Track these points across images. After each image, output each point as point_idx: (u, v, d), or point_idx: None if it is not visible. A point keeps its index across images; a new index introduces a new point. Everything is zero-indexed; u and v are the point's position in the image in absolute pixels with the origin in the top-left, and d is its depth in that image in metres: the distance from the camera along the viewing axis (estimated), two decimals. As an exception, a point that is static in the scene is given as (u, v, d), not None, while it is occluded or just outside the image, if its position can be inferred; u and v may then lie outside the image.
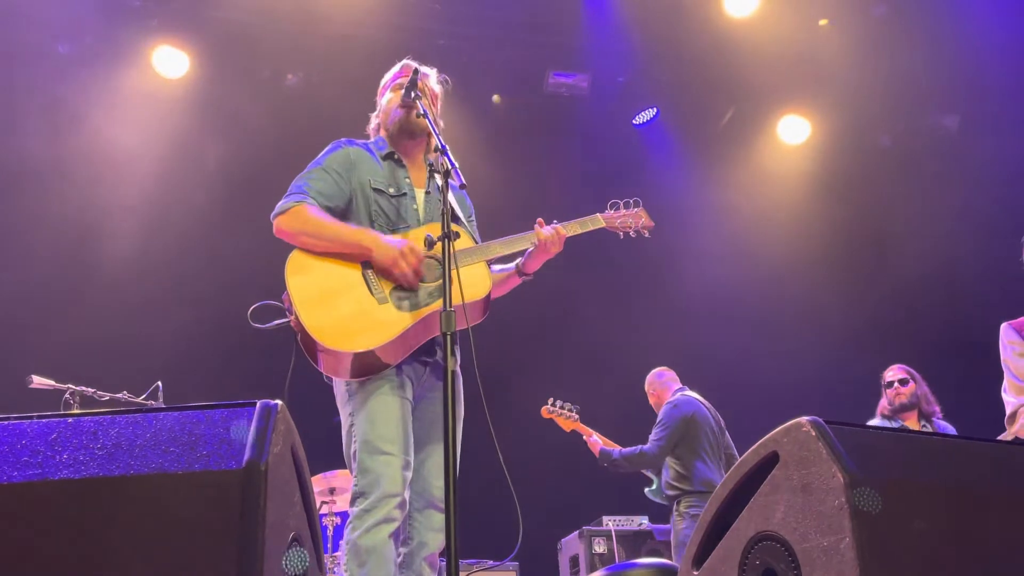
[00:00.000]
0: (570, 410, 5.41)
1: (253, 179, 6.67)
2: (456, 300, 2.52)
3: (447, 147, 2.72)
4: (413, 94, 2.95)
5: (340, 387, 2.95)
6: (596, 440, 5.47)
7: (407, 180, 3.12)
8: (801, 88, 7.81)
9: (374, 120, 3.31)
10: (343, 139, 3.18)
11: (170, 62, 6.91)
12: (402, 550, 2.88)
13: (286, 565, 1.74)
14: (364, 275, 2.88)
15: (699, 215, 8.06)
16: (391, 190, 3.06)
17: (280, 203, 2.95)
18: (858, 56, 7.43)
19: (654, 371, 5.85)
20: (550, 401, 5.41)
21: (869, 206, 8.23)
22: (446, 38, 7.00)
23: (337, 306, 2.81)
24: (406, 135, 3.14)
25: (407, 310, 2.83)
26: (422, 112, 2.91)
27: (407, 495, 2.78)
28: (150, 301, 6.76)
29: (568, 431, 5.48)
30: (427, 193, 3.13)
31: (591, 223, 3.29)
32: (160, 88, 6.94)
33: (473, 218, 3.29)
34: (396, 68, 3.27)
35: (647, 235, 3.44)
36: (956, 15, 7.12)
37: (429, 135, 3.14)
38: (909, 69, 7.44)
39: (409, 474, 2.80)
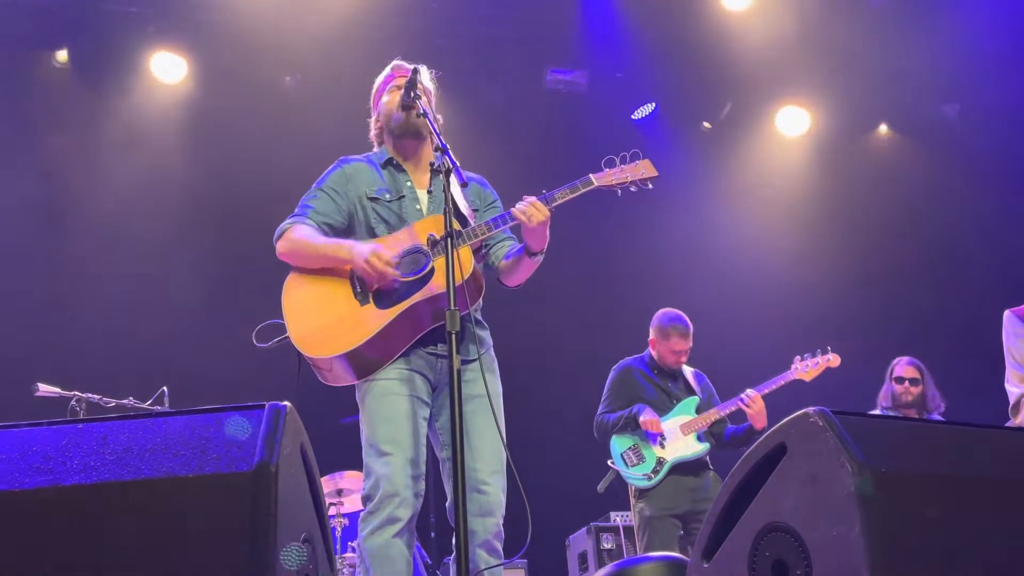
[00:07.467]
0: None
1: (253, 180, 6.68)
2: (443, 289, 2.60)
3: (448, 146, 2.72)
4: (413, 94, 2.94)
5: (356, 394, 3.00)
6: None
7: (408, 184, 3.13)
8: (800, 79, 7.79)
9: (374, 127, 3.29)
10: (342, 157, 3.22)
11: (168, 67, 6.93)
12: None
13: (285, 561, 1.73)
14: (352, 280, 2.93)
15: (700, 209, 8.04)
16: (387, 196, 3.09)
17: (279, 226, 3.04)
18: (857, 46, 7.41)
19: None
20: None
21: (870, 197, 8.22)
22: (444, 38, 6.99)
23: (322, 314, 2.90)
24: (410, 136, 3.13)
25: (387, 306, 2.86)
26: (422, 112, 2.91)
27: (411, 493, 2.79)
28: (156, 304, 6.77)
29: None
30: (430, 192, 3.13)
31: (583, 186, 3.08)
32: (159, 92, 6.96)
33: (498, 203, 3.25)
34: (387, 71, 3.26)
35: (650, 187, 3.12)
36: (955, 4, 7.11)
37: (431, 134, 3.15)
38: (908, 59, 7.43)
39: (413, 471, 2.81)
